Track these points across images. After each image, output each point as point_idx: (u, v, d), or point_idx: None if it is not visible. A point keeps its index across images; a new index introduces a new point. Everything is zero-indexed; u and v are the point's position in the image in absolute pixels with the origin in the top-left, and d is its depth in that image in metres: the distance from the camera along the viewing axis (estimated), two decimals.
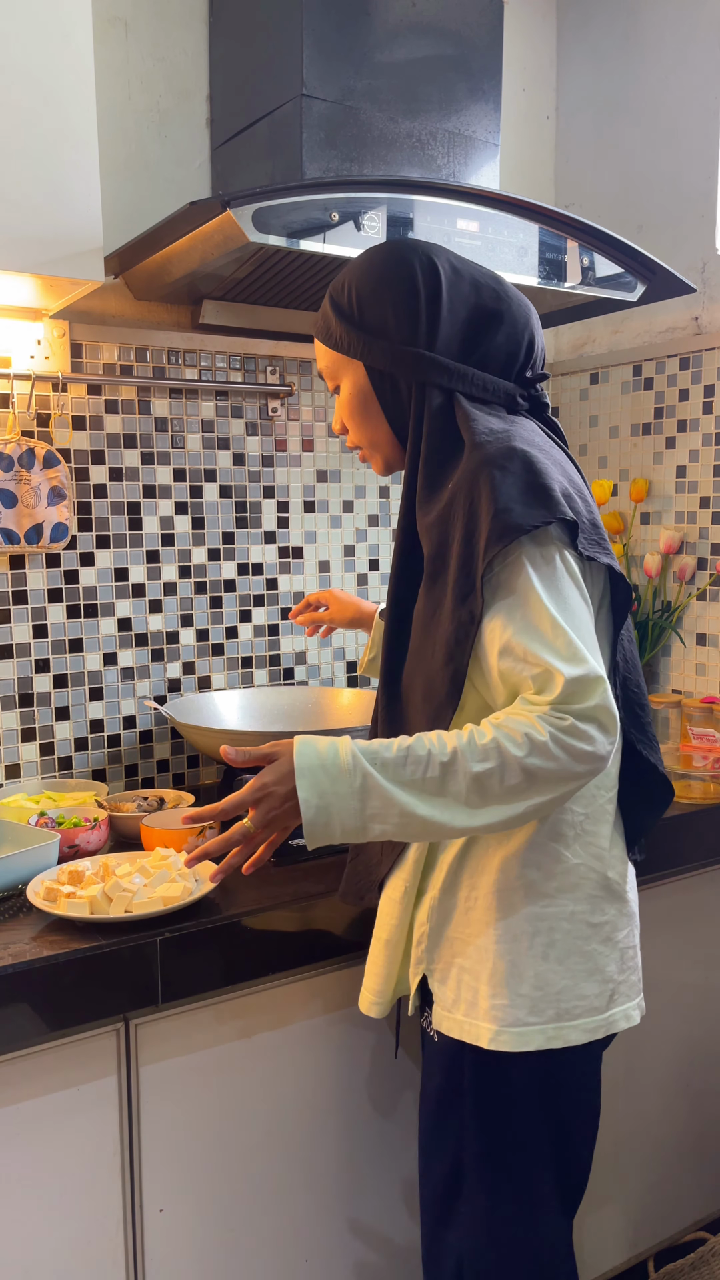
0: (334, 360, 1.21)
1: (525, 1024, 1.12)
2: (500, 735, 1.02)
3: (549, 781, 1.02)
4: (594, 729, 1.01)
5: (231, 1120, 1.33)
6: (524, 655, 1.03)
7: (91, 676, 1.80)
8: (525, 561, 1.04)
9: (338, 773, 1.02)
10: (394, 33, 1.61)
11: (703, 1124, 1.86)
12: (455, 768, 1.01)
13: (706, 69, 1.98)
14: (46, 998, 1.15)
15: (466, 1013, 1.14)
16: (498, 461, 1.06)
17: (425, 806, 1.02)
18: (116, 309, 1.79)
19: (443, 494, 1.12)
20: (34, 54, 1.35)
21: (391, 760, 1.03)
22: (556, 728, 1.01)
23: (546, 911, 1.13)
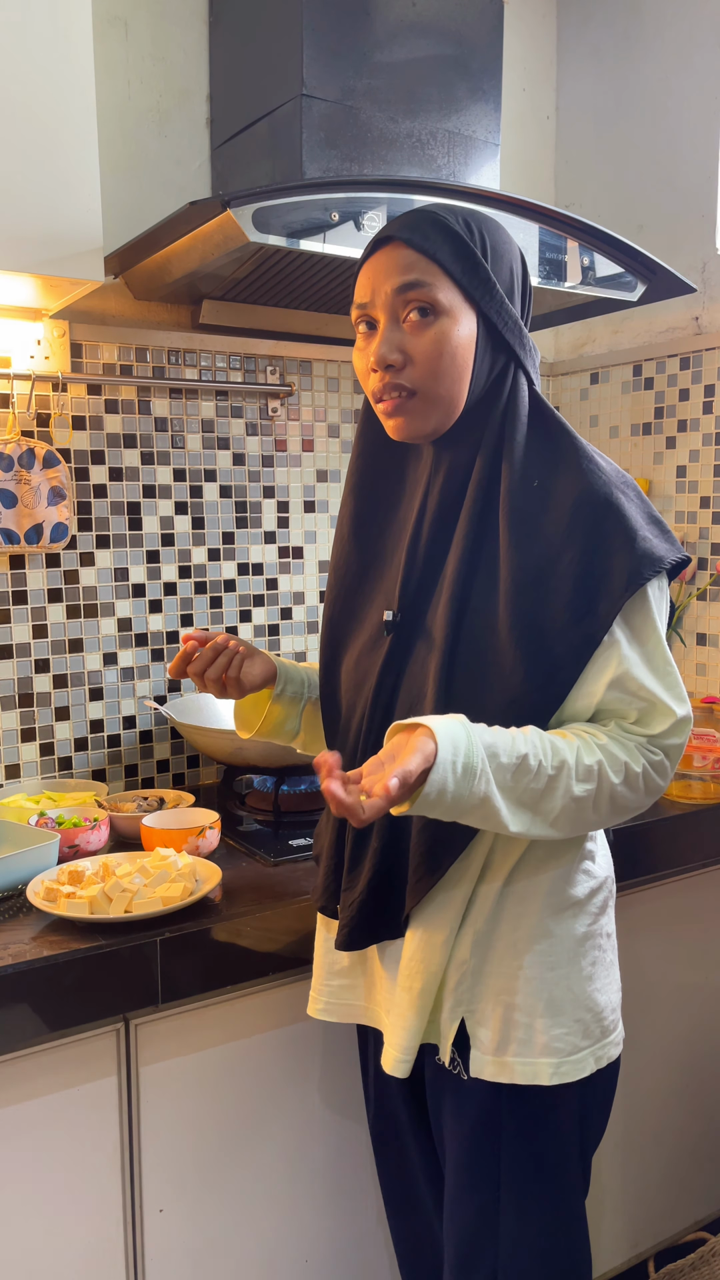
0: (447, 288, 1.02)
1: (579, 1049, 1.08)
2: (605, 760, 1.01)
3: (623, 810, 1.04)
4: (672, 767, 1.05)
5: (231, 1120, 1.33)
6: (636, 689, 1.02)
7: (91, 676, 1.80)
8: (649, 596, 1.03)
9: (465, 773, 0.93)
10: (394, 33, 1.61)
11: (702, 1124, 1.86)
12: (558, 785, 0.98)
13: (706, 69, 1.98)
14: (46, 998, 1.15)
15: (519, 1052, 1.07)
16: (620, 485, 1.04)
17: (517, 820, 0.98)
18: (116, 309, 1.79)
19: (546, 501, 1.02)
20: (34, 54, 1.34)
21: (512, 768, 0.96)
22: (650, 762, 1.03)
23: (591, 929, 1.11)
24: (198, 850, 1.44)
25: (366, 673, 1.12)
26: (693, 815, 1.68)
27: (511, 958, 1.07)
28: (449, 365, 1.03)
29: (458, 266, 1.02)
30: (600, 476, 1.03)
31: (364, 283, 1.06)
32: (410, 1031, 1.09)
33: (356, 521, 1.18)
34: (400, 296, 1.02)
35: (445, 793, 0.92)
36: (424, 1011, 1.09)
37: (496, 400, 1.06)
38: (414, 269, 1.02)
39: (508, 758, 0.96)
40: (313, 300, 1.77)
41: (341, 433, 2.04)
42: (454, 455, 1.08)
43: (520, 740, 0.98)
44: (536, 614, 1.01)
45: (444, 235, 1.02)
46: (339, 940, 1.13)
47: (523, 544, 1.02)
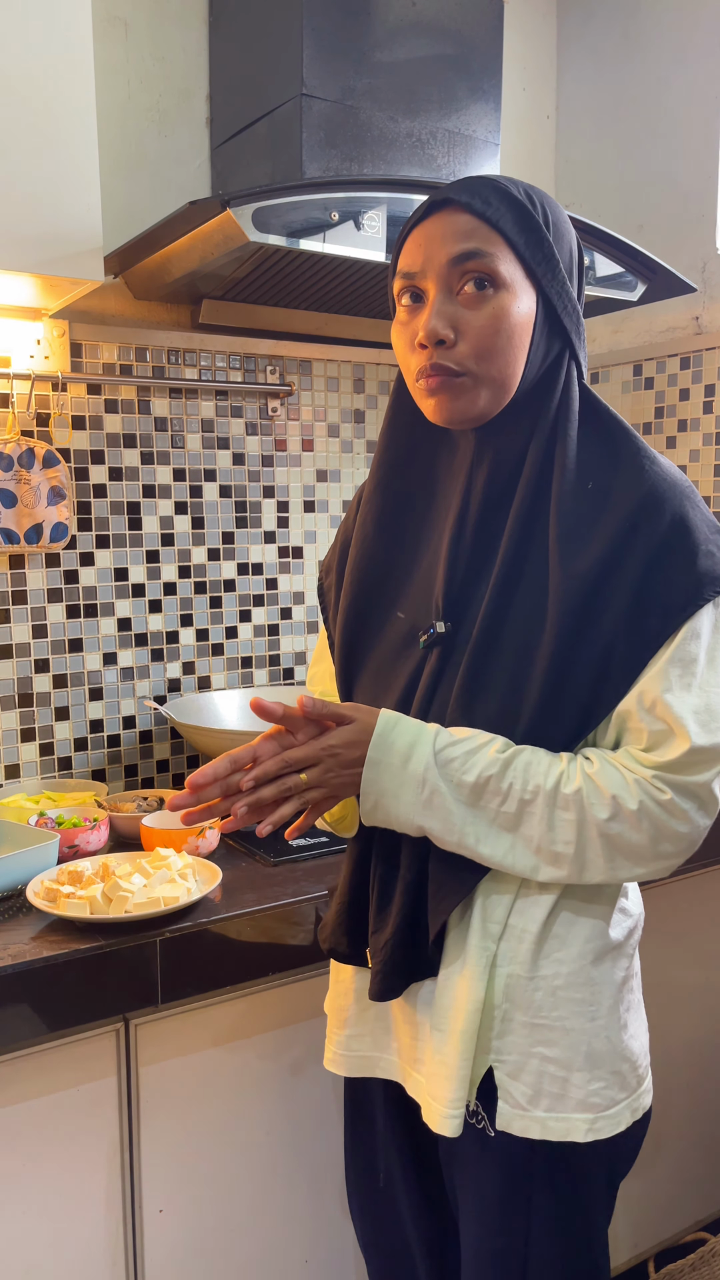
0: (508, 260, 0.92)
1: (615, 1103, 0.99)
2: (587, 788, 0.91)
3: (630, 854, 0.92)
4: (692, 807, 0.91)
5: (231, 1120, 1.33)
6: (658, 710, 0.91)
7: (91, 676, 1.80)
8: (704, 615, 0.92)
9: (406, 778, 0.92)
10: (394, 32, 1.61)
11: (703, 1125, 1.86)
12: (533, 809, 0.91)
13: (706, 69, 1.97)
14: (46, 998, 1.15)
15: (551, 1107, 0.98)
16: (686, 492, 0.94)
17: (489, 844, 0.93)
18: (116, 309, 1.79)
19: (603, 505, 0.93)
20: (34, 53, 1.34)
21: (470, 785, 0.92)
22: (651, 799, 0.91)
23: (628, 972, 1.03)
24: (197, 850, 1.43)
25: (389, 685, 1.03)
26: None
27: (551, 1007, 0.98)
28: (504, 344, 0.93)
29: (521, 238, 0.92)
30: (664, 482, 0.93)
31: (412, 250, 0.95)
32: (458, 1081, 0.98)
33: (384, 516, 1.06)
34: (457, 267, 0.92)
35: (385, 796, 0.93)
36: (469, 1056, 0.98)
37: (550, 390, 0.96)
38: (474, 236, 0.91)
39: (471, 774, 0.92)
40: (313, 300, 1.77)
41: (341, 432, 2.04)
42: (500, 447, 0.97)
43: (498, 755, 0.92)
44: (585, 631, 0.92)
45: (507, 203, 0.93)
46: (374, 989, 1.01)
47: (576, 553, 0.93)
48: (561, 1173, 1.01)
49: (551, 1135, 0.98)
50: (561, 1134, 0.98)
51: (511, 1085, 0.99)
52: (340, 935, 1.06)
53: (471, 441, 0.99)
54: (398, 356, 0.99)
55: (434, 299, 0.93)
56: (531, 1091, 0.98)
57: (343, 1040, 1.11)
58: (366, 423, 2.06)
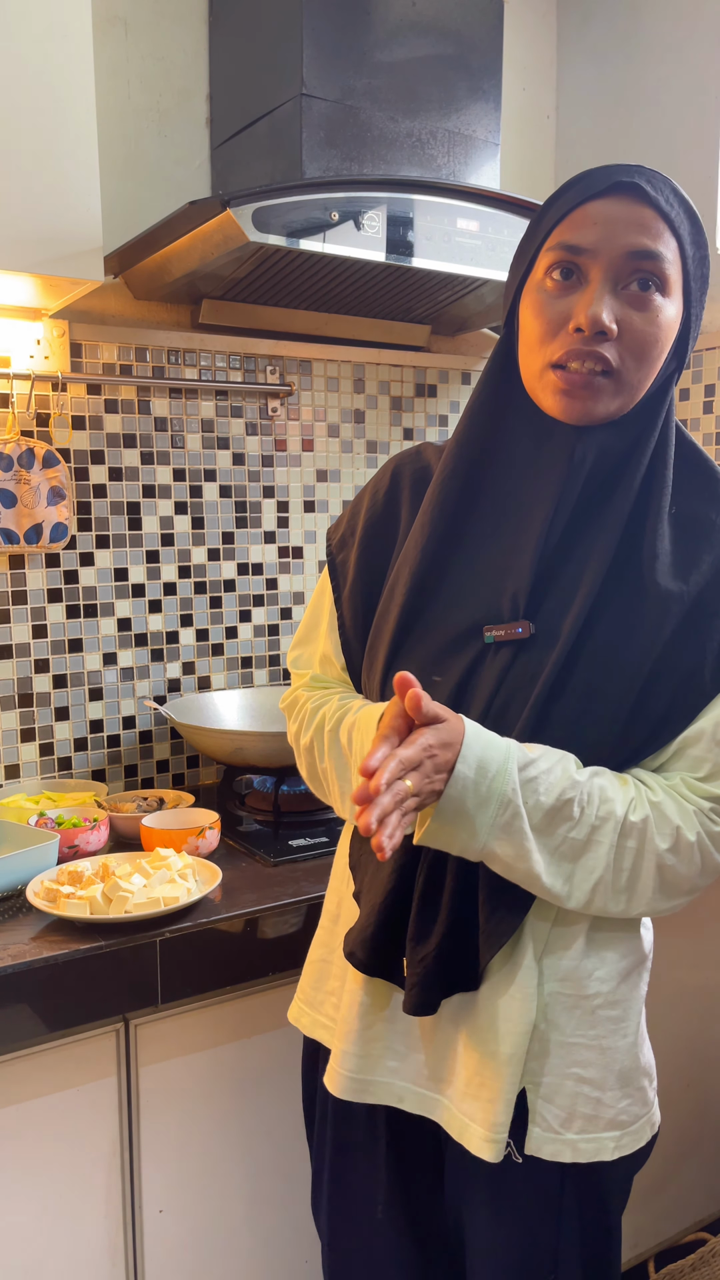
0: (677, 270, 0.90)
1: (639, 1118, 0.99)
2: (654, 817, 0.90)
3: (672, 888, 0.92)
4: None
5: (231, 1120, 1.33)
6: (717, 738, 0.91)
7: (91, 676, 1.80)
8: None
9: (489, 795, 0.86)
10: (394, 32, 1.61)
11: (703, 1125, 1.86)
12: (601, 837, 0.89)
13: (706, 69, 1.98)
14: (46, 998, 1.15)
15: (583, 1129, 0.96)
16: None
17: (550, 872, 0.89)
18: (116, 309, 1.79)
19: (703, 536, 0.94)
20: (34, 54, 1.34)
21: (547, 809, 0.88)
22: (706, 831, 0.91)
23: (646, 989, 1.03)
24: (197, 851, 1.44)
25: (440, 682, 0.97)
26: None
27: (589, 1025, 0.96)
28: (656, 353, 0.90)
29: (693, 251, 0.90)
30: None
31: (586, 225, 0.88)
32: (504, 1104, 0.94)
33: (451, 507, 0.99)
34: (632, 261, 0.88)
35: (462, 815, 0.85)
36: (516, 1080, 0.94)
37: (659, 407, 0.94)
38: (659, 237, 0.87)
39: (551, 795, 0.87)
40: (313, 300, 1.77)
41: (341, 432, 2.04)
42: (604, 454, 0.93)
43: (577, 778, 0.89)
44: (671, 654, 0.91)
45: (685, 210, 0.90)
46: (410, 1003, 0.94)
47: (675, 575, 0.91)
48: (589, 1194, 1.00)
49: (582, 1157, 0.96)
50: (591, 1155, 0.96)
51: (545, 1108, 0.96)
52: (374, 953, 0.97)
53: (573, 443, 0.93)
54: (528, 333, 0.93)
55: (597, 285, 0.88)
56: (565, 1114, 0.96)
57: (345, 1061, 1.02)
58: (366, 423, 2.06)
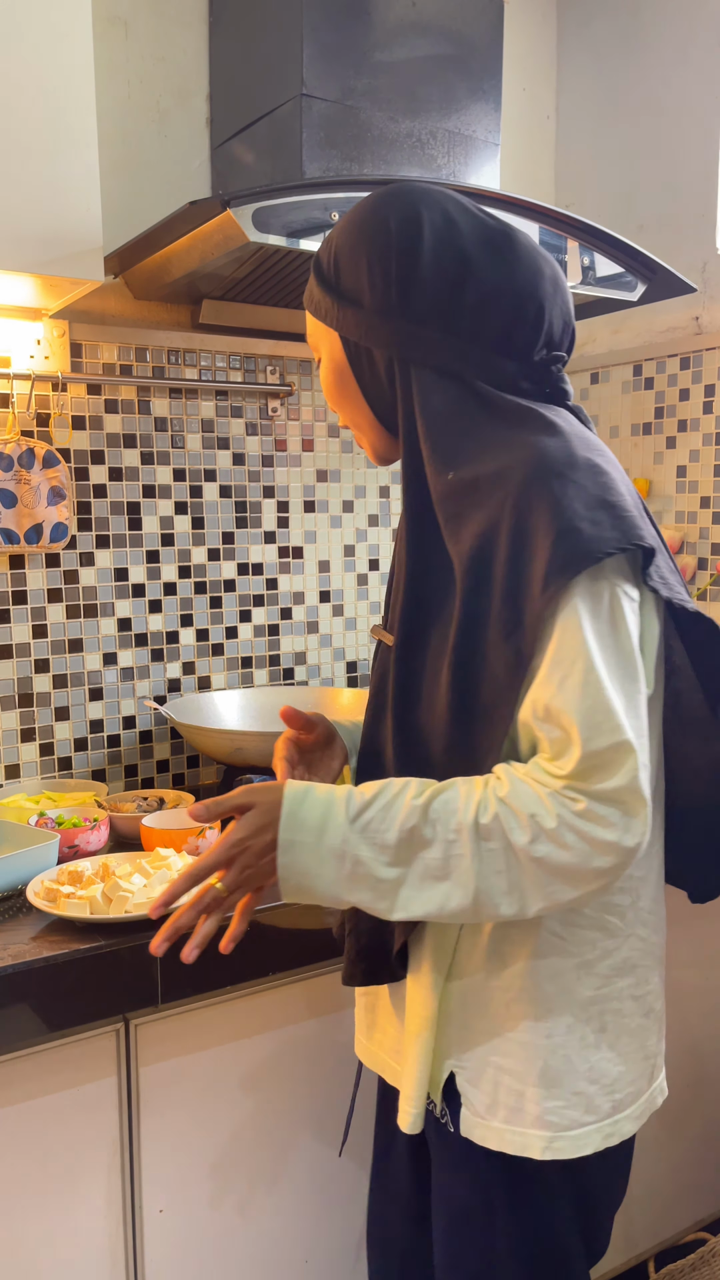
0: (314, 328, 1.03)
1: (581, 1125, 0.96)
2: (504, 814, 0.85)
3: (565, 875, 0.85)
4: (616, 813, 0.84)
5: (231, 1120, 1.33)
6: (546, 712, 0.85)
7: (91, 676, 1.80)
8: (577, 598, 0.85)
9: (324, 854, 0.88)
10: (394, 32, 1.61)
11: (703, 1125, 1.86)
12: (459, 849, 0.86)
13: (706, 69, 1.98)
14: (46, 998, 1.15)
15: (508, 1120, 0.97)
16: (558, 467, 0.87)
17: (422, 901, 0.88)
18: (116, 309, 1.79)
19: (473, 484, 0.90)
20: (34, 54, 1.34)
21: (394, 845, 0.87)
22: (569, 811, 0.84)
23: (600, 994, 0.97)
24: (197, 850, 1.43)
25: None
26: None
27: (504, 1017, 0.96)
28: (339, 397, 1.03)
29: (312, 302, 1.03)
30: (531, 459, 0.88)
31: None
32: (418, 1083, 1.00)
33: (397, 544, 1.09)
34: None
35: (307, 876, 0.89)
36: (424, 1062, 1.00)
37: (400, 403, 0.98)
38: (308, 325, 1.05)
39: (392, 832, 0.87)
40: None
41: (341, 433, 2.04)
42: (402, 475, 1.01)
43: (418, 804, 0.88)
44: (475, 634, 0.90)
45: (311, 278, 1.03)
46: (343, 974, 1.05)
47: (456, 538, 0.92)
48: (524, 1186, 1.00)
49: (509, 1148, 0.97)
50: (519, 1148, 0.97)
51: (471, 1092, 0.99)
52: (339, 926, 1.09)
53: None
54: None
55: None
56: (489, 1100, 0.98)
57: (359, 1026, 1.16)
58: None
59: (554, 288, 0.97)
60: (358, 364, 0.99)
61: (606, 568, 0.86)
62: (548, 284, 0.96)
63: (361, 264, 0.95)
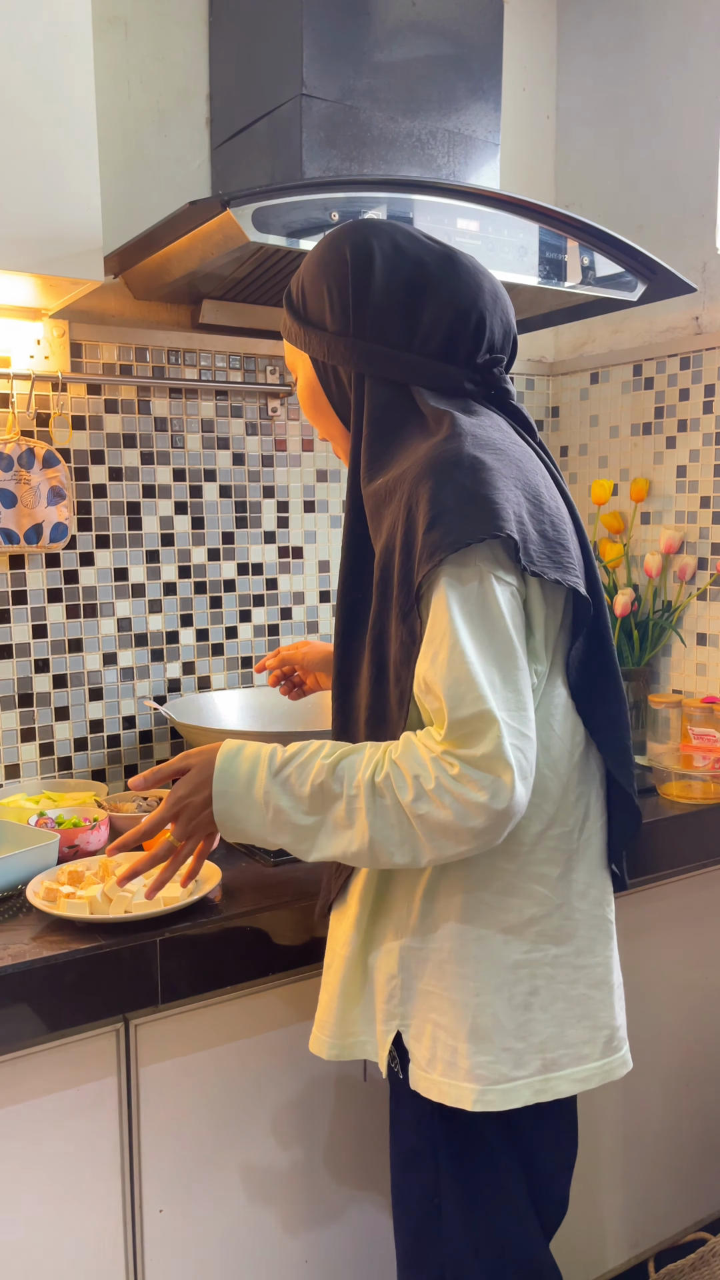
0: (291, 353, 1.18)
1: (510, 1079, 1.05)
2: (393, 774, 0.97)
3: (445, 832, 0.95)
4: (484, 777, 0.93)
5: (231, 1120, 1.33)
6: (425, 685, 0.96)
7: (91, 676, 1.80)
8: (444, 582, 0.95)
9: (251, 803, 1.03)
10: (394, 32, 1.61)
11: (703, 1124, 1.86)
12: (359, 804, 0.98)
13: (706, 69, 1.98)
14: (46, 998, 1.15)
15: (445, 1073, 1.06)
16: (442, 466, 0.97)
17: (333, 845, 1.01)
18: (116, 309, 1.79)
19: (384, 494, 1.03)
20: (34, 54, 1.34)
21: (307, 796, 1.01)
22: (446, 775, 0.94)
23: (530, 958, 1.06)
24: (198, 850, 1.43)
25: None
26: (693, 815, 1.68)
27: (439, 978, 1.06)
28: (314, 412, 1.17)
29: (285, 330, 1.16)
30: (423, 461, 0.99)
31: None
32: (324, 1010, 1.14)
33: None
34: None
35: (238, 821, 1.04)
36: (335, 997, 1.13)
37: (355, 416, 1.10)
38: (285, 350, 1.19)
39: (305, 786, 1.01)
40: None
41: None
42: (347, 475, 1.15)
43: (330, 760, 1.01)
44: (385, 618, 1.03)
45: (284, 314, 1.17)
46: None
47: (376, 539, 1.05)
48: (462, 1134, 1.10)
49: (447, 1099, 1.06)
50: (454, 1099, 1.06)
51: (415, 1047, 1.09)
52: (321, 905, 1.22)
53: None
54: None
55: None
56: (429, 1055, 1.07)
57: None
58: None
59: (493, 300, 1.09)
60: (326, 381, 1.13)
61: (474, 554, 0.96)
62: (487, 297, 1.08)
63: (322, 291, 1.09)
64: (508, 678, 0.95)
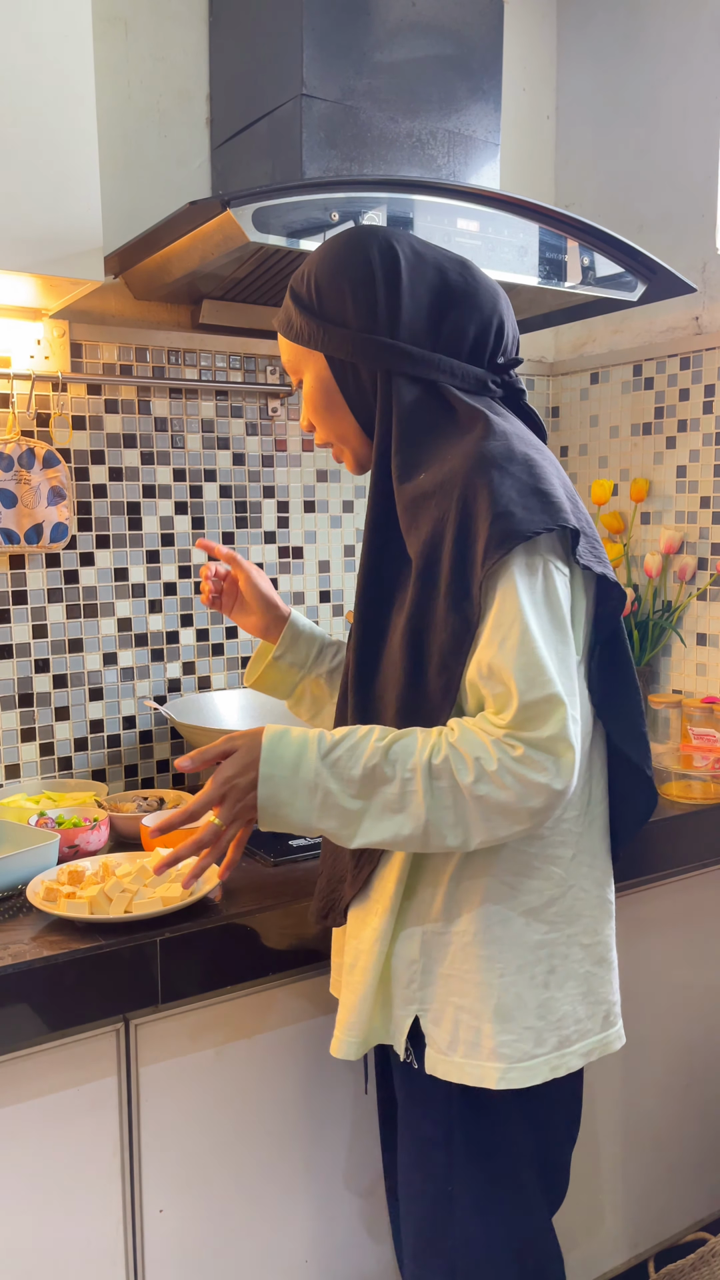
0: (296, 354, 1.16)
1: (532, 1056, 1.08)
2: (452, 757, 0.98)
3: (503, 812, 0.98)
4: (548, 760, 0.96)
5: (231, 1120, 1.33)
6: (489, 670, 0.99)
7: (91, 676, 1.80)
8: (514, 571, 0.99)
9: (298, 785, 1.02)
10: (394, 32, 1.61)
11: (702, 1124, 1.86)
12: (414, 786, 0.99)
13: (706, 69, 1.98)
14: (46, 998, 1.15)
15: (467, 1054, 1.08)
16: (498, 461, 1.02)
17: (381, 829, 1.01)
18: (116, 309, 1.79)
19: (430, 490, 1.05)
20: (34, 54, 1.34)
21: (358, 779, 1.01)
22: (508, 755, 0.97)
23: (548, 938, 1.10)
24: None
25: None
26: (693, 815, 1.68)
27: (462, 960, 1.08)
28: (326, 413, 1.16)
29: (293, 330, 1.15)
30: (477, 454, 1.02)
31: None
32: (351, 1012, 1.12)
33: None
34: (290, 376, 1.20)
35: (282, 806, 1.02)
36: (364, 997, 1.11)
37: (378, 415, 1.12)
38: (285, 352, 1.18)
39: (356, 768, 1.01)
40: None
41: None
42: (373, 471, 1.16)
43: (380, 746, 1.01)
44: (428, 606, 1.04)
45: (288, 308, 1.15)
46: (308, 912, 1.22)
47: (414, 533, 1.06)
48: (482, 1114, 1.11)
49: (469, 1080, 1.08)
50: (477, 1079, 1.08)
51: (434, 1031, 1.10)
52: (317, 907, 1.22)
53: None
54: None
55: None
56: (450, 1038, 1.09)
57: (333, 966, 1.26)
58: None
59: (507, 305, 1.14)
60: (343, 379, 1.13)
61: (539, 545, 1.01)
62: (503, 302, 1.14)
63: (344, 290, 1.10)
64: (565, 664, 1.00)
